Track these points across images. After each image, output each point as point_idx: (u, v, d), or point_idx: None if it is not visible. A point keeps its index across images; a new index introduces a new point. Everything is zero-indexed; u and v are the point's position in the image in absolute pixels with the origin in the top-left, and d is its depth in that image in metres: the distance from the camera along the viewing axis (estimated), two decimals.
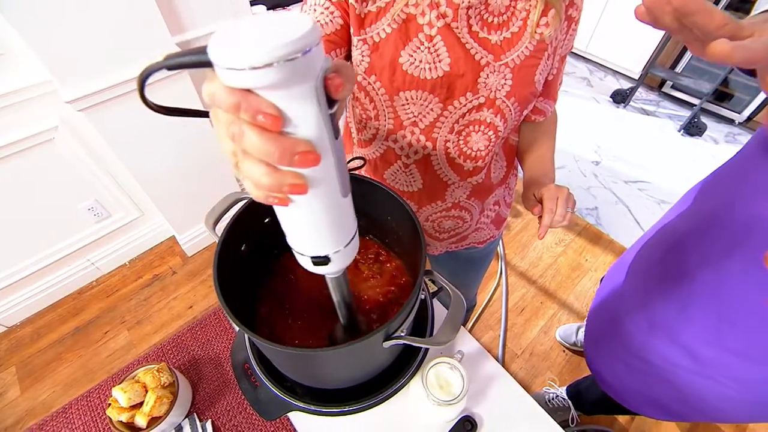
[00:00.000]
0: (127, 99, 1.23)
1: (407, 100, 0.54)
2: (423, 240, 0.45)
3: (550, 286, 1.75)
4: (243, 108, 0.20)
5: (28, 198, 1.38)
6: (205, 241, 1.84)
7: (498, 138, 0.59)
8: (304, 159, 0.22)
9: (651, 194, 2.14)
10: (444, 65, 0.51)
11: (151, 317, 1.64)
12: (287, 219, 0.29)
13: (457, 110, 0.55)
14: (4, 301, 1.54)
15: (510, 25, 0.50)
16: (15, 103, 1.17)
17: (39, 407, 1.40)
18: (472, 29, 0.50)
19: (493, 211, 0.77)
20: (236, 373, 0.61)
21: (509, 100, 0.54)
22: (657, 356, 0.68)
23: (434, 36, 0.50)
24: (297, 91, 0.21)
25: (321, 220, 0.28)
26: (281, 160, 0.22)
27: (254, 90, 0.20)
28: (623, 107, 2.69)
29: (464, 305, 0.45)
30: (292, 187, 0.23)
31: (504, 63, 0.52)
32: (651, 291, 0.70)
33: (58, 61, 1.07)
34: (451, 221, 0.71)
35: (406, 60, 0.51)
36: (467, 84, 0.52)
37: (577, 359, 1.53)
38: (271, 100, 0.21)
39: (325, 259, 0.31)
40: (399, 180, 0.66)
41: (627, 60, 2.79)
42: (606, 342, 0.83)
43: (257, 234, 0.53)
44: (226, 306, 0.41)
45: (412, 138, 0.58)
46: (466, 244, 0.81)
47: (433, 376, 0.52)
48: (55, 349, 1.54)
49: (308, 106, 0.21)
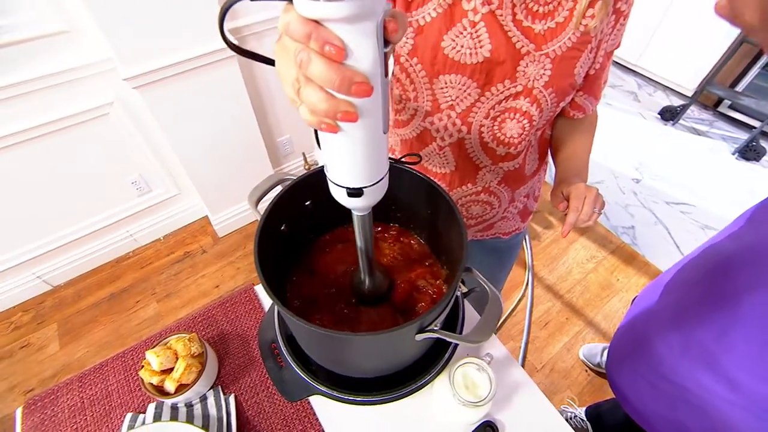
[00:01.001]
0: (179, 79, 1.29)
1: (446, 83, 0.55)
2: (465, 235, 0.44)
3: (578, 303, 1.69)
4: (314, 37, 0.23)
5: (81, 168, 1.46)
6: (236, 224, 1.90)
7: (532, 127, 0.59)
8: (360, 89, 0.25)
9: (695, 218, 2.02)
10: (485, 51, 0.52)
11: (180, 292, 1.70)
12: (332, 148, 0.31)
13: (494, 96, 0.56)
14: (52, 262, 1.64)
15: (555, 15, 0.50)
16: (77, 79, 1.25)
17: (74, 364, 1.49)
18: (516, 17, 0.50)
19: (521, 203, 0.77)
20: (262, 351, 0.63)
21: (546, 91, 0.55)
22: (690, 381, 0.64)
23: (477, 22, 0.50)
24: (361, 27, 0.23)
25: (361, 151, 0.31)
26: (340, 87, 0.24)
27: (325, 22, 0.23)
28: (672, 125, 2.56)
29: (501, 306, 0.44)
30: (344, 114, 0.26)
31: (545, 53, 0.52)
32: (687, 311, 0.66)
33: (122, 39, 1.13)
34: (480, 206, 0.72)
35: (449, 44, 0.52)
36: (506, 71, 0.53)
37: (599, 381, 1.47)
38: (338, 33, 0.23)
39: (359, 191, 0.34)
40: (433, 161, 0.68)
41: (681, 76, 2.65)
42: (632, 360, 0.79)
43: (297, 216, 0.54)
44: (264, 280, 0.41)
45: (449, 121, 0.60)
46: (492, 233, 0.82)
47: (460, 376, 0.51)
48: (92, 311, 1.63)
49: (368, 42, 0.24)
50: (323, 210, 0.56)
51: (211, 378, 0.64)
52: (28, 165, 1.35)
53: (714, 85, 2.43)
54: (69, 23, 1.15)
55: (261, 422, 0.61)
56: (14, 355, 1.51)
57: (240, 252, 1.84)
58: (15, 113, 1.22)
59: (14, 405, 1.39)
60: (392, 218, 0.64)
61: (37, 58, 1.17)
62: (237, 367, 0.67)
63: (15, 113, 1.22)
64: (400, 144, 0.70)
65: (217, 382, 0.65)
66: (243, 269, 1.78)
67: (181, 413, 0.61)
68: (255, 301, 0.74)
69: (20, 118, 1.24)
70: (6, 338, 1.56)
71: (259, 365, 0.66)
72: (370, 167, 0.33)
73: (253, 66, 1.53)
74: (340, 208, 0.38)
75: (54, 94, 1.24)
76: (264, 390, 0.64)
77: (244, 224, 1.93)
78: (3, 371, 1.47)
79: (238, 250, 1.84)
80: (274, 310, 0.63)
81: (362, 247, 0.45)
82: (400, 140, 0.70)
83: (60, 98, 1.26)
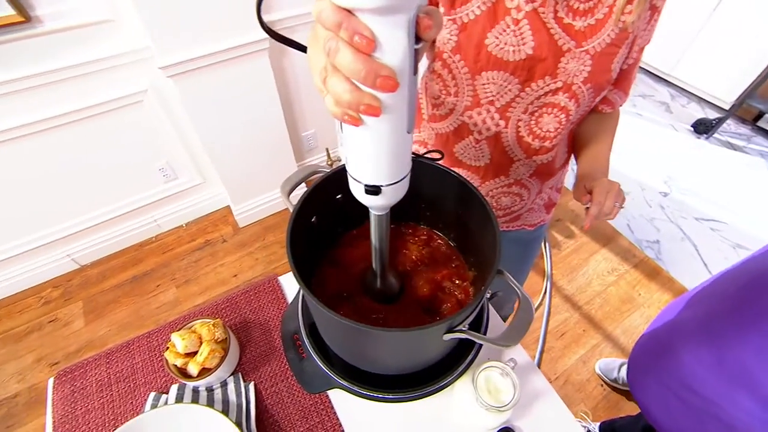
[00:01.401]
0: (212, 70, 1.32)
1: (488, 80, 0.56)
2: (499, 238, 0.43)
3: (596, 315, 1.65)
4: (344, 26, 0.23)
5: (113, 153, 1.51)
6: (256, 215, 1.93)
7: (569, 122, 0.61)
8: (385, 83, 0.24)
9: (726, 236, 1.95)
10: (527, 48, 0.53)
11: (198, 279, 1.74)
12: (354, 143, 0.31)
13: (534, 92, 0.57)
14: (81, 242, 1.70)
15: (595, 11, 0.51)
16: (116, 66, 1.29)
17: (97, 341, 1.54)
18: (558, 15, 0.51)
19: (547, 194, 0.79)
20: (284, 341, 0.63)
21: (585, 86, 0.56)
22: (722, 397, 0.61)
23: (521, 20, 0.51)
24: (393, 20, 0.23)
25: (383, 148, 0.30)
26: (366, 79, 0.24)
27: (357, 12, 0.23)
28: (705, 138, 2.47)
29: (532, 311, 0.43)
30: (367, 107, 0.26)
31: (585, 50, 0.53)
32: (719, 324, 0.64)
33: (160, 29, 1.17)
34: (510, 198, 0.74)
35: (492, 42, 0.53)
36: (547, 68, 0.54)
37: (615, 397, 1.43)
38: (369, 24, 0.23)
39: (377, 189, 0.33)
40: (467, 154, 0.69)
41: (718, 88, 2.55)
42: (657, 370, 0.77)
43: (327, 209, 0.54)
44: (295, 269, 0.42)
45: (487, 116, 0.61)
46: (519, 225, 0.83)
47: (483, 380, 0.51)
48: (115, 292, 1.69)
49: (399, 37, 0.24)
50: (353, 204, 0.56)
51: (232, 364, 0.65)
52: (64, 148, 1.40)
53: (755, 98, 2.33)
54: (113, 12, 1.19)
55: (279, 411, 0.62)
56: (43, 328, 1.58)
57: (259, 243, 1.86)
58: (57, 98, 1.27)
59: (41, 375, 1.45)
60: (421, 217, 0.63)
61: (80, 45, 1.21)
62: (258, 355, 0.68)
63: (57, 98, 1.27)
64: (435, 138, 0.71)
65: (237, 369, 0.66)
66: (261, 260, 1.80)
67: (201, 397, 0.63)
68: (278, 292, 0.75)
69: (62, 102, 1.29)
70: (37, 311, 1.63)
71: (280, 355, 0.67)
72: (390, 165, 0.32)
73: (282, 60, 1.55)
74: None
75: (93, 80, 1.29)
76: (283, 380, 0.65)
77: (265, 216, 1.96)
78: (32, 343, 1.54)
79: (257, 241, 1.87)
80: (298, 301, 0.63)
81: (377, 246, 0.45)
82: (435, 134, 0.71)
83: (98, 85, 1.31)
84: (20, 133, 1.28)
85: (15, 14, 1.05)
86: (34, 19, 1.10)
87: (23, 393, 1.41)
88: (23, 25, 1.09)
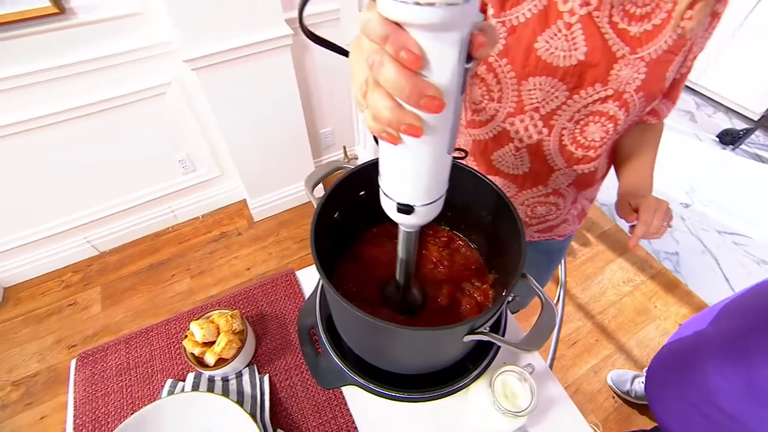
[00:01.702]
0: (235, 64, 1.33)
1: (535, 85, 0.54)
2: (524, 242, 0.43)
3: (610, 326, 1.62)
4: (390, 40, 0.21)
5: (135, 143, 1.55)
6: (272, 210, 1.95)
7: (616, 131, 0.58)
8: (431, 103, 0.23)
9: (750, 251, 1.89)
10: (579, 54, 0.50)
11: (213, 270, 1.77)
12: (390, 159, 0.30)
13: (582, 99, 0.54)
14: (101, 229, 1.75)
15: (653, 17, 0.49)
16: (142, 58, 1.32)
17: (113, 326, 1.58)
18: (613, 19, 0.49)
19: (581, 204, 0.76)
20: (301, 336, 0.64)
21: (637, 95, 0.53)
22: (752, 418, 0.60)
23: (573, 24, 0.49)
24: (444, 37, 0.21)
25: (421, 169, 0.29)
26: (409, 98, 0.23)
27: (406, 25, 0.21)
28: (731, 149, 2.40)
29: (555, 316, 0.42)
30: (408, 127, 0.24)
31: (640, 56, 0.50)
32: (750, 342, 0.62)
33: (185, 23, 1.19)
34: (546, 207, 0.72)
35: (542, 46, 0.51)
36: (599, 75, 0.52)
37: (627, 410, 1.40)
38: (418, 39, 0.21)
39: (410, 208, 0.32)
40: (506, 162, 0.66)
41: (747, 97, 2.48)
42: (679, 385, 0.75)
43: (350, 205, 0.54)
44: (318, 262, 0.42)
45: (530, 123, 0.59)
46: (549, 235, 0.81)
47: (500, 384, 0.50)
48: (132, 279, 1.72)
49: (449, 55, 0.22)
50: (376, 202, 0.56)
51: (248, 356, 0.66)
52: (89, 137, 1.44)
53: None
54: (142, 5, 1.22)
55: (292, 405, 0.62)
56: (63, 311, 1.63)
57: (273, 238, 1.88)
58: (86, 88, 1.31)
59: (59, 357, 1.50)
60: (443, 217, 0.63)
61: (110, 37, 1.24)
62: (273, 348, 0.68)
63: (86, 88, 1.31)
64: (472, 144, 0.69)
65: (253, 361, 0.67)
66: (275, 255, 1.82)
67: (217, 386, 0.64)
68: (295, 286, 0.75)
69: (89, 93, 1.32)
70: (57, 295, 1.68)
71: (295, 349, 0.68)
72: (426, 186, 0.30)
73: (304, 57, 1.56)
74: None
75: (120, 71, 1.32)
76: (298, 374, 0.65)
77: (280, 211, 1.98)
78: (52, 325, 1.58)
79: (271, 235, 1.89)
80: (316, 296, 0.64)
81: (403, 259, 0.44)
82: (472, 140, 0.69)
83: (125, 76, 1.34)
84: (48, 122, 1.32)
85: (50, 5, 1.08)
86: (68, 11, 1.14)
87: (42, 372, 1.46)
88: (58, 16, 1.12)
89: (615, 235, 1.95)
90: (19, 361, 1.48)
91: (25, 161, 1.40)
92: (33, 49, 1.17)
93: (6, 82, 1.18)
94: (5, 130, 1.28)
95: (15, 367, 1.47)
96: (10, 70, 1.17)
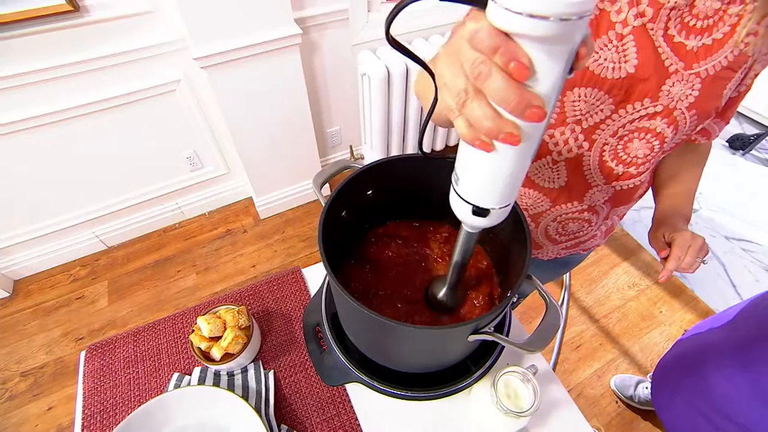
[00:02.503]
0: (244, 63, 1.34)
1: (579, 96, 0.52)
2: (529, 245, 0.43)
3: (614, 330, 1.61)
4: (501, 51, 0.21)
5: (144, 139, 1.57)
6: (278, 208, 1.96)
7: (662, 149, 0.55)
8: (535, 114, 0.23)
9: (758, 258, 1.87)
10: (629, 67, 0.48)
11: (218, 267, 1.78)
12: (474, 164, 0.30)
13: (628, 114, 0.52)
14: (109, 224, 1.77)
15: (714, 30, 0.46)
16: (153, 56, 1.34)
17: (119, 320, 1.60)
18: (668, 32, 0.46)
19: (612, 221, 0.73)
20: (306, 333, 0.64)
21: (689, 113, 0.51)
22: (758, 426, 0.60)
23: (626, 35, 0.47)
24: (555, 50, 0.22)
25: (507, 174, 0.29)
26: (515, 108, 0.23)
27: (517, 37, 0.21)
28: (741, 155, 2.37)
29: (560, 318, 0.43)
30: (508, 136, 0.24)
31: (695, 72, 0.48)
32: (757, 350, 0.62)
33: (196, 21, 1.20)
34: (578, 224, 0.68)
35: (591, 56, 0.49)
36: (648, 89, 0.49)
37: (630, 415, 1.40)
38: (528, 51, 0.22)
39: (486, 211, 0.32)
40: (542, 175, 0.64)
41: (757, 103, 2.45)
42: (686, 392, 0.75)
43: (357, 204, 0.55)
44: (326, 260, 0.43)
45: (571, 135, 0.56)
46: (575, 250, 0.78)
47: (503, 384, 0.50)
48: (138, 275, 1.74)
49: (556, 67, 0.22)
50: (382, 202, 0.57)
51: (254, 351, 0.67)
52: (99, 133, 1.46)
53: None
54: (154, 4, 1.23)
55: (296, 401, 0.63)
56: (70, 304, 1.65)
57: (278, 236, 1.90)
58: (97, 84, 1.33)
59: (67, 349, 1.52)
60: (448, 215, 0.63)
61: (122, 35, 1.26)
62: (278, 344, 0.69)
63: (97, 84, 1.33)
64: None
65: (258, 357, 0.68)
66: (279, 252, 1.83)
67: (222, 381, 0.65)
68: (301, 283, 0.76)
69: (101, 89, 1.34)
70: (66, 288, 1.70)
71: (300, 346, 0.68)
72: (506, 190, 0.31)
73: (312, 56, 1.57)
74: (400, 202, 0.37)
75: (131, 69, 1.34)
76: (302, 371, 0.66)
77: (285, 209, 1.99)
78: (60, 318, 1.61)
79: (276, 233, 1.90)
80: (321, 294, 0.64)
81: (458, 261, 0.44)
82: None
83: (135, 73, 1.36)
84: (58, 117, 1.34)
85: (65, 3, 1.10)
86: (82, 8, 1.15)
87: (50, 364, 1.48)
88: (72, 14, 1.14)
89: (621, 239, 1.94)
90: (28, 353, 1.51)
91: (37, 156, 1.42)
92: (48, 45, 1.19)
93: (21, 77, 1.20)
94: (18, 126, 1.30)
95: (23, 359, 1.49)
96: (26, 66, 1.19)
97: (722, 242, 1.93)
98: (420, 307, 0.55)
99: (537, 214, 0.69)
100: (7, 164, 1.39)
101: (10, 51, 1.16)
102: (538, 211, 0.68)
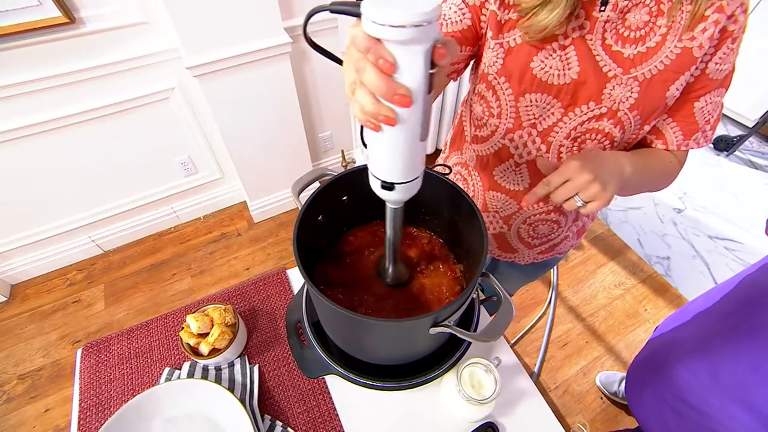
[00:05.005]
0: (236, 71, 1.39)
1: (531, 102, 0.57)
2: (485, 239, 0.47)
3: (600, 328, 1.65)
4: (371, 51, 0.29)
5: (139, 146, 1.60)
6: (271, 212, 2.00)
7: (612, 148, 0.59)
8: (401, 100, 0.30)
9: (740, 256, 1.91)
10: (572, 73, 0.53)
11: (213, 270, 1.82)
12: (373, 144, 0.37)
13: (577, 117, 0.56)
14: (105, 229, 1.80)
15: (647, 40, 0.51)
16: (147, 65, 1.38)
17: (115, 323, 1.63)
18: (606, 42, 0.51)
19: (582, 221, 0.77)
20: (288, 330, 0.68)
21: (632, 113, 0.55)
22: (719, 411, 0.64)
23: (567, 46, 0.52)
24: (412, 49, 0.29)
25: (397, 152, 0.36)
26: (385, 95, 0.30)
27: (384, 40, 0.28)
28: (725, 156, 2.43)
29: (513, 313, 0.47)
30: (386, 118, 0.32)
31: (633, 76, 0.52)
32: (716, 341, 0.66)
33: (189, 32, 1.24)
34: (548, 226, 0.73)
35: (537, 65, 0.54)
36: (591, 93, 0.54)
37: (614, 410, 1.44)
38: (392, 51, 0.29)
39: (391, 185, 0.39)
40: (507, 177, 0.68)
41: (741, 104, 2.51)
42: (655, 385, 0.79)
43: (333, 209, 0.59)
44: (300, 262, 0.47)
45: (528, 139, 0.61)
46: (551, 254, 0.82)
47: (467, 375, 0.54)
48: (134, 278, 1.78)
49: (416, 63, 0.29)
50: (357, 206, 0.61)
51: (239, 347, 0.71)
52: (95, 140, 1.49)
53: None
54: (148, 15, 1.27)
55: (280, 393, 0.67)
56: (67, 308, 1.68)
57: (272, 239, 1.93)
58: (93, 93, 1.36)
59: (63, 352, 1.55)
60: (420, 221, 0.67)
61: (117, 45, 1.30)
62: (263, 341, 0.73)
63: (93, 93, 1.36)
64: (476, 159, 0.72)
65: (244, 352, 0.72)
66: (273, 255, 1.87)
67: (210, 374, 0.68)
68: (285, 283, 0.80)
69: (96, 97, 1.38)
70: (62, 292, 1.74)
71: (283, 342, 0.72)
72: (403, 166, 0.37)
73: (303, 64, 1.62)
74: (373, 207, 0.42)
75: (126, 78, 1.38)
76: (285, 365, 0.70)
77: (279, 213, 2.03)
78: (57, 321, 1.64)
79: (270, 236, 1.94)
80: (302, 293, 0.68)
81: (390, 237, 0.50)
82: (476, 156, 0.71)
83: (130, 82, 1.40)
84: (56, 125, 1.38)
85: (61, 16, 1.14)
86: (78, 20, 1.20)
87: (47, 367, 1.51)
88: (68, 26, 1.18)
89: (607, 240, 1.98)
90: (25, 356, 1.54)
91: (34, 163, 1.45)
92: (45, 56, 1.23)
93: (19, 87, 1.24)
94: (16, 133, 1.34)
95: (21, 362, 1.52)
96: (24, 76, 1.23)
97: (705, 241, 1.98)
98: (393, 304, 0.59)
99: (508, 216, 0.73)
100: (4, 171, 1.43)
101: (8, 62, 1.20)
102: (507, 213, 0.72)
